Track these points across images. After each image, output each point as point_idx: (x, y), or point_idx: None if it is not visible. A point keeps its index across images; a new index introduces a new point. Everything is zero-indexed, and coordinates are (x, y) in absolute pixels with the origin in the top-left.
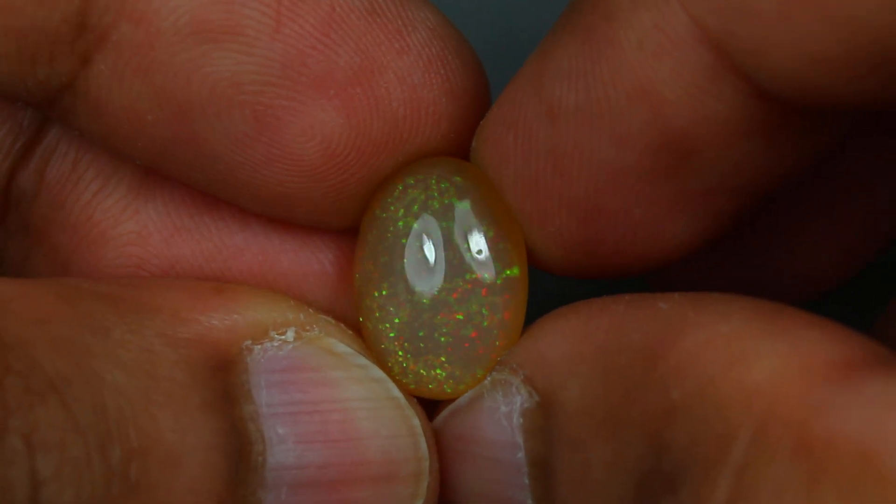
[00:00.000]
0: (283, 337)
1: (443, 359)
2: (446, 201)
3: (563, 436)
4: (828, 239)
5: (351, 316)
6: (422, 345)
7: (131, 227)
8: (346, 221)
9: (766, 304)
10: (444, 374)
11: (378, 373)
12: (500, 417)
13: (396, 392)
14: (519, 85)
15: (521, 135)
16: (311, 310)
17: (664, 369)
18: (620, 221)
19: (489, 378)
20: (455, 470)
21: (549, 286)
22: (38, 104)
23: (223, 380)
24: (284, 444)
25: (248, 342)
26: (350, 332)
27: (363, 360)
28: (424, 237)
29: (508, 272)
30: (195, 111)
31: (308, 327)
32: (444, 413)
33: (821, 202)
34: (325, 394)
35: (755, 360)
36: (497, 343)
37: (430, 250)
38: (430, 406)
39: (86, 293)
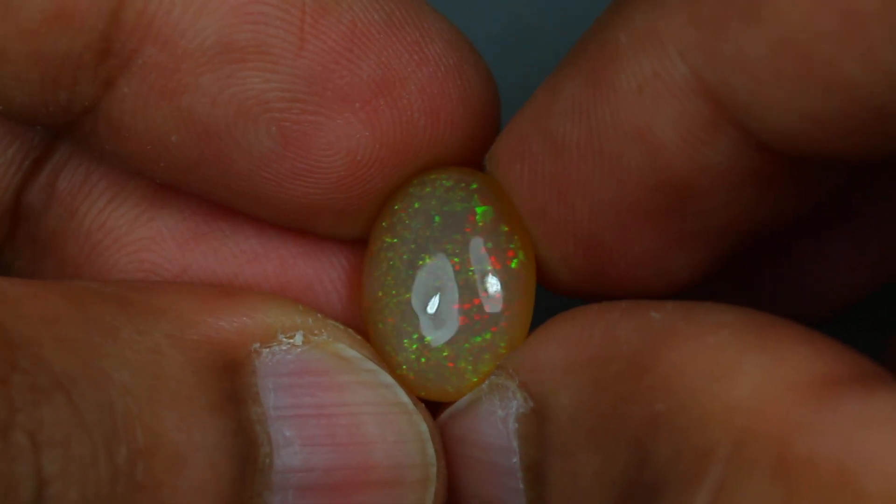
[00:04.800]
0: (291, 340)
1: (450, 355)
2: (457, 203)
3: (555, 443)
4: (845, 257)
5: (364, 319)
6: (428, 342)
7: (145, 233)
8: (362, 229)
9: (757, 316)
10: (449, 372)
11: (386, 378)
12: (496, 421)
13: (404, 397)
14: (527, 117)
15: (528, 165)
16: (320, 315)
17: (651, 381)
18: (622, 255)
19: (487, 382)
20: (453, 471)
21: (552, 295)
22: (59, 127)
23: (231, 381)
24: (291, 447)
25: (257, 345)
26: (359, 337)
27: (371, 365)
28: (434, 238)
29: (517, 271)
30: (221, 130)
31: (317, 331)
32: (444, 415)
33: (838, 221)
34: (333, 398)
35: (738, 374)
36: (503, 343)
37: (439, 250)
38: (433, 407)
39: (94, 294)
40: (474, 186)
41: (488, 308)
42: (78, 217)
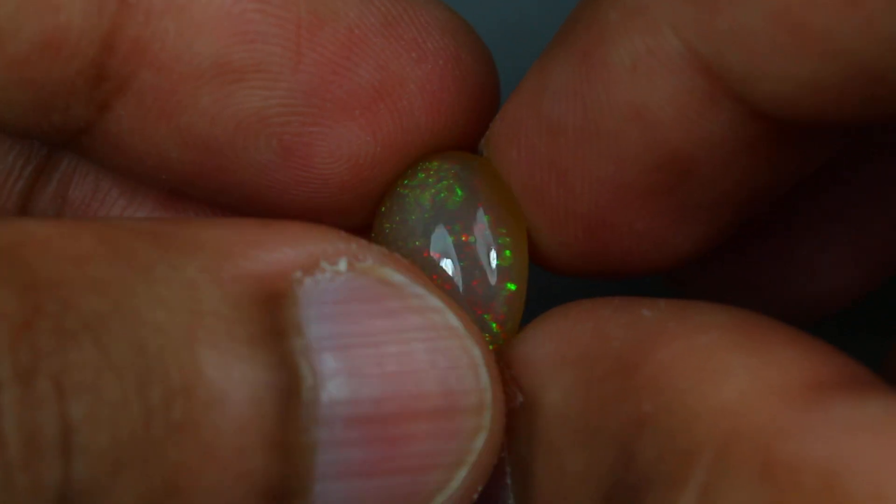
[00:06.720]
0: (335, 267)
1: None
2: (452, 191)
3: (543, 439)
4: (843, 254)
5: None
6: None
7: None
8: (365, 218)
9: (748, 317)
10: None
11: (436, 301)
12: None
13: (455, 321)
14: (520, 100)
15: (524, 150)
16: (363, 241)
17: (639, 380)
18: (624, 234)
19: None
20: None
21: (551, 279)
22: (55, 144)
23: (272, 314)
24: (337, 379)
25: (299, 273)
26: (405, 261)
27: (420, 289)
28: (428, 227)
29: (511, 261)
30: (222, 146)
31: (361, 257)
32: None
33: (836, 218)
34: (381, 325)
35: (726, 376)
36: (497, 332)
37: (433, 239)
38: None
39: (127, 231)
40: (469, 176)
41: (481, 301)
42: None
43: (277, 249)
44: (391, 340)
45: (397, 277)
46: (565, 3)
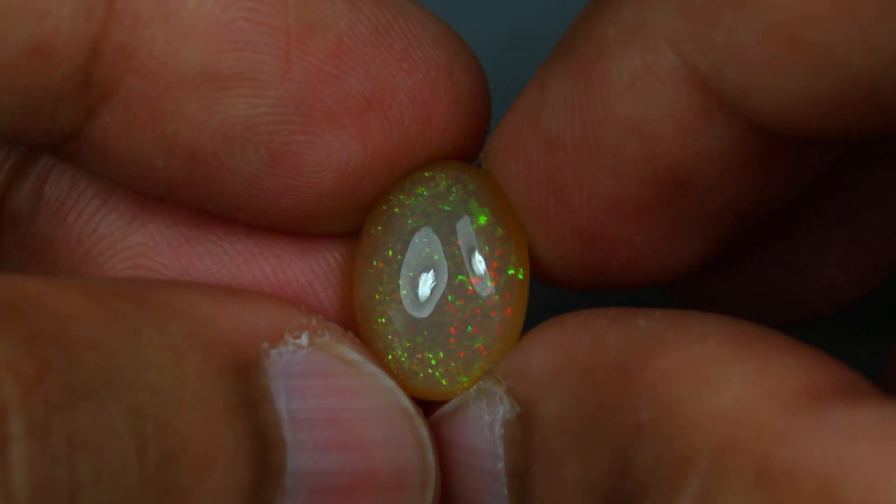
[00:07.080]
0: (298, 341)
1: (441, 356)
2: (452, 201)
3: (541, 449)
4: (843, 255)
5: (356, 316)
6: (420, 341)
7: (139, 238)
8: (354, 225)
9: (745, 327)
10: (439, 372)
11: (389, 382)
12: (482, 426)
13: (406, 402)
14: (518, 114)
15: (522, 164)
16: (320, 317)
17: (636, 388)
18: (622, 247)
19: (475, 387)
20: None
21: (551, 292)
22: (42, 149)
23: (246, 383)
24: (303, 451)
25: (266, 345)
26: (357, 339)
27: (374, 368)
28: (428, 236)
29: (510, 273)
30: (208, 155)
31: (320, 332)
32: (432, 418)
33: (835, 219)
34: (342, 401)
35: (724, 384)
36: (496, 345)
37: (433, 248)
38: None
39: (113, 292)
40: (471, 188)
41: (480, 312)
42: (67, 224)
43: (247, 318)
44: (351, 417)
45: (353, 355)
46: (563, 14)
